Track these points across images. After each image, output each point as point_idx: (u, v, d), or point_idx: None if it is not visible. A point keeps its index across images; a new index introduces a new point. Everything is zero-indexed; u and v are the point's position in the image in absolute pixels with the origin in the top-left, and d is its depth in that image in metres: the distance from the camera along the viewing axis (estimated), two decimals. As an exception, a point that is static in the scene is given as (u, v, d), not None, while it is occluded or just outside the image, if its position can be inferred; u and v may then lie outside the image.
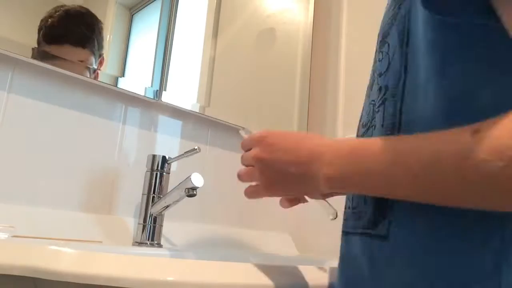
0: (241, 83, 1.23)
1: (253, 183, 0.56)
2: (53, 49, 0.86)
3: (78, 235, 0.81)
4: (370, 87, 0.52)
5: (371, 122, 0.49)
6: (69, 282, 0.42)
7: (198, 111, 1.09)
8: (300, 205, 0.62)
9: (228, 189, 1.10)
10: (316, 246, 1.20)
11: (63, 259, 0.44)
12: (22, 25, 0.84)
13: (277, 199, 0.62)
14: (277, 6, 1.35)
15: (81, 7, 0.91)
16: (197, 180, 0.82)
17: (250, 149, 0.54)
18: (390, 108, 0.45)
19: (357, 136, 0.54)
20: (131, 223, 0.92)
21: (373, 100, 0.50)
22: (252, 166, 0.53)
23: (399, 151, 0.38)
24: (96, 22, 0.93)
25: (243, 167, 0.56)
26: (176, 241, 0.97)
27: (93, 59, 0.92)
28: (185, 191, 0.83)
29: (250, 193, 0.56)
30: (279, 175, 0.49)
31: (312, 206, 0.60)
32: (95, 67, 0.92)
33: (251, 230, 1.13)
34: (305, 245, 1.22)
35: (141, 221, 0.88)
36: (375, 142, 0.41)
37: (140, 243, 0.87)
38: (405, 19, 0.45)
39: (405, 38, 0.45)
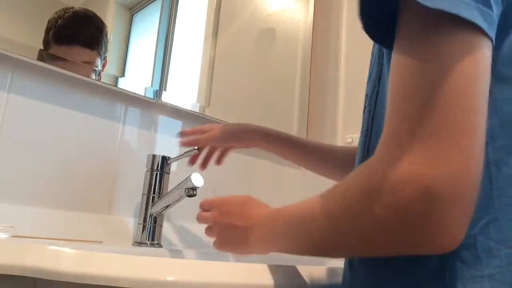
0: (241, 83, 1.23)
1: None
2: (62, 50, 0.86)
3: (78, 235, 0.81)
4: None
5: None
6: (69, 282, 0.42)
7: (198, 111, 1.10)
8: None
9: (228, 189, 1.10)
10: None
11: (63, 259, 0.44)
12: (22, 25, 0.84)
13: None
14: (277, 6, 1.35)
15: (87, 9, 0.92)
16: (197, 180, 0.82)
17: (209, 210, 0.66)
18: (367, 115, 0.49)
19: None
20: (131, 223, 0.92)
21: (364, 106, 0.52)
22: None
23: (281, 221, 0.48)
24: (103, 24, 0.93)
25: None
26: (176, 241, 0.97)
27: (99, 61, 0.92)
28: (185, 191, 0.83)
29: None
30: (230, 237, 0.60)
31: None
32: (100, 69, 0.92)
33: (251, 230, 1.13)
34: (305, 245, 1.22)
35: (141, 221, 0.88)
36: (284, 210, 0.49)
37: (140, 243, 0.87)
38: None
39: (382, 49, 0.47)
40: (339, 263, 0.57)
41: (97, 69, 0.92)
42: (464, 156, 0.32)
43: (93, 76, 0.91)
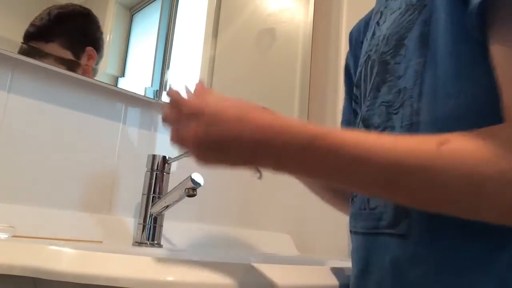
0: (241, 83, 1.23)
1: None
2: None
3: (78, 235, 0.81)
4: (377, 88, 0.52)
5: (386, 123, 0.50)
6: (69, 282, 0.42)
7: (198, 111, 1.09)
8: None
9: (228, 189, 1.10)
10: (316, 246, 1.20)
11: (63, 259, 0.44)
12: (22, 25, 0.84)
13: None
14: (277, 6, 1.35)
15: (70, 5, 0.89)
16: (197, 180, 0.81)
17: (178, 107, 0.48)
18: (408, 109, 0.47)
19: None
20: (131, 223, 0.92)
21: (386, 102, 0.50)
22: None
23: (366, 149, 0.38)
24: (70, 14, 0.89)
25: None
26: (176, 241, 0.97)
27: (68, 53, 0.88)
28: (185, 191, 0.83)
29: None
30: (218, 159, 0.45)
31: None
32: (80, 61, 0.89)
33: (251, 230, 1.13)
34: (305, 245, 1.22)
35: (141, 221, 0.88)
36: (343, 134, 0.40)
37: (140, 243, 0.87)
38: (426, 24, 0.47)
39: (425, 42, 0.47)
40: (341, 263, 0.57)
41: (73, 61, 0.88)
42: None
43: (64, 68, 0.87)
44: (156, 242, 0.88)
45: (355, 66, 0.69)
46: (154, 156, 0.91)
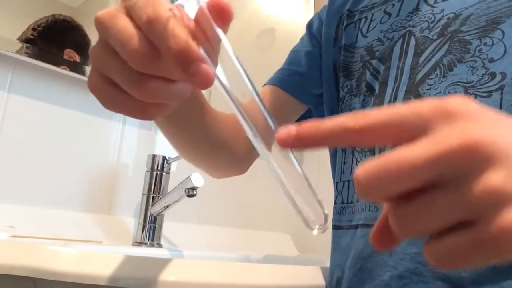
0: (241, 83, 1.23)
1: None
2: None
3: (78, 235, 0.81)
4: (448, 66, 0.49)
5: None
6: (69, 282, 0.42)
7: (198, 111, 1.09)
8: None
9: (228, 189, 1.10)
10: (316, 246, 1.20)
11: (63, 259, 0.44)
12: (22, 25, 0.84)
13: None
14: (276, 6, 1.35)
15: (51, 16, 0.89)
16: (197, 180, 0.82)
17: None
18: (510, 96, 0.44)
19: None
20: (131, 223, 0.92)
21: (466, 82, 0.47)
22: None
23: None
24: (42, 23, 0.87)
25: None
26: (176, 241, 0.97)
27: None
28: (185, 191, 0.83)
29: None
30: None
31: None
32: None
33: (251, 230, 1.13)
34: (305, 245, 1.22)
35: (141, 221, 0.88)
36: None
37: (140, 243, 0.87)
38: None
39: None
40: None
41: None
42: None
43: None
44: (156, 242, 0.88)
45: (319, 26, 0.73)
46: (154, 156, 0.91)
